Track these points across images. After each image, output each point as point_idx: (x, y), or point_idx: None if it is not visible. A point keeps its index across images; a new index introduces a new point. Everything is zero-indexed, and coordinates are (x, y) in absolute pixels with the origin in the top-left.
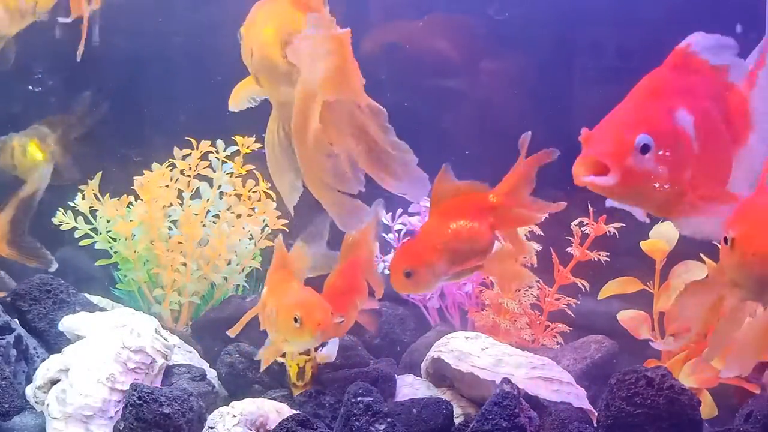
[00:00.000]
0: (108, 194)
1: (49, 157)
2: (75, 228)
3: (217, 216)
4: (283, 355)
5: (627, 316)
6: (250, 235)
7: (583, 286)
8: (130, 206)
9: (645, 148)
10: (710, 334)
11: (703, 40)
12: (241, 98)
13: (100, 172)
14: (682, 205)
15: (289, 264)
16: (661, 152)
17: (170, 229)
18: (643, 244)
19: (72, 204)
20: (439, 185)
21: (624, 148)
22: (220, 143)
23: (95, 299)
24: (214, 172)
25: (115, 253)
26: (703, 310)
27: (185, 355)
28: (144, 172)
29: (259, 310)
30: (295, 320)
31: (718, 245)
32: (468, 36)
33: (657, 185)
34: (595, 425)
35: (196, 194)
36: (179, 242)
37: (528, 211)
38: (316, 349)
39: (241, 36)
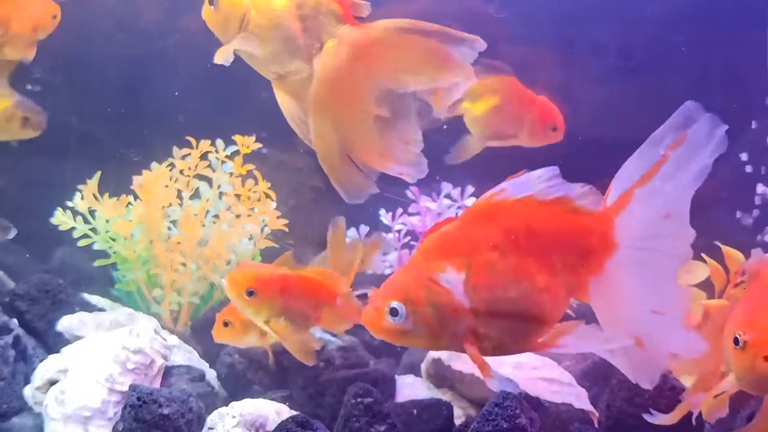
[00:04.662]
0: (107, 194)
1: None
2: (73, 228)
3: (216, 216)
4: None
5: None
6: (250, 235)
7: None
8: (130, 206)
9: (394, 312)
10: None
11: (534, 179)
12: (227, 56)
13: (99, 172)
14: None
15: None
16: (415, 313)
17: (169, 229)
18: None
19: (70, 204)
20: None
21: (377, 314)
22: (219, 143)
23: (94, 299)
24: (214, 171)
25: (114, 253)
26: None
27: (185, 355)
28: (143, 171)
29: None
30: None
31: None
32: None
33: (426, 336)
34: (596, 426)
35: (196, 194)
36: (178, 242)
37: None
38: None
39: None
